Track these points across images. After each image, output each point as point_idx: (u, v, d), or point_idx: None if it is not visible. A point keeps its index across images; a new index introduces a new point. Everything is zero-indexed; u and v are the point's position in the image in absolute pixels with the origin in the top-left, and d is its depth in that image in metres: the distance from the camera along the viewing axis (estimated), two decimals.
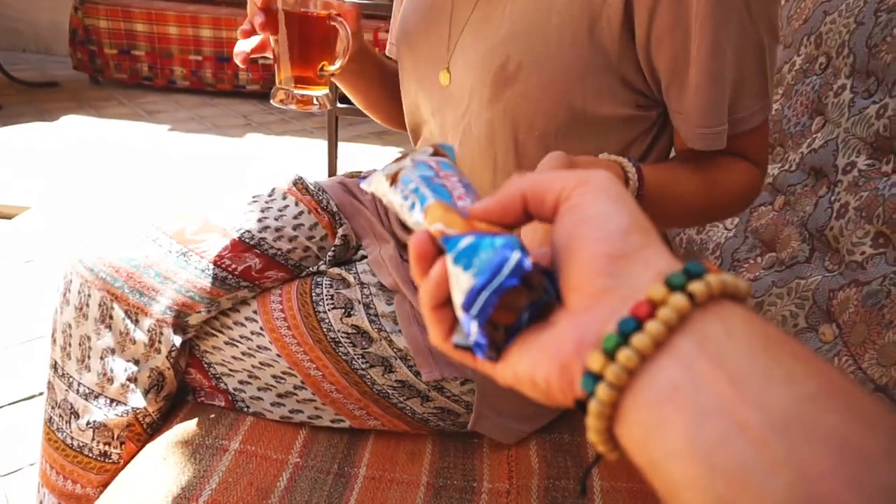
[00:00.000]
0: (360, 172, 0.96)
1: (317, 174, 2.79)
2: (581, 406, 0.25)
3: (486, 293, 0.27)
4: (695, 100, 0.58)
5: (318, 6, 0.65)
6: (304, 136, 3.33)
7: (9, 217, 2.28)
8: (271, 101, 0.70)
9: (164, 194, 2.50)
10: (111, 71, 3.84)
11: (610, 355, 0.23)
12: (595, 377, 0.23)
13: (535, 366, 0.26)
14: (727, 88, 0.58)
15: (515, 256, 0.27)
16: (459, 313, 0.28)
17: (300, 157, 3.03)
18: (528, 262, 0.27)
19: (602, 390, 0.23)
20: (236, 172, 2.79)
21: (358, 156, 3.08)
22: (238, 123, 3.46)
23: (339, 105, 1.63)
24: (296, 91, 0.68)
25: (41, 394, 1.39)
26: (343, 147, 3.17)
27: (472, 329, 0.28)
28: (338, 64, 0.68)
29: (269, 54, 0.70)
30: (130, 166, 2.77)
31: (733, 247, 0.95)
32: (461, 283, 0.28)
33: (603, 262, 0.25)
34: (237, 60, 0.69)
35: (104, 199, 2.42)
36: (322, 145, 3.20)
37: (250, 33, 0.66)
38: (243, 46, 0.68)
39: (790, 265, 0.83)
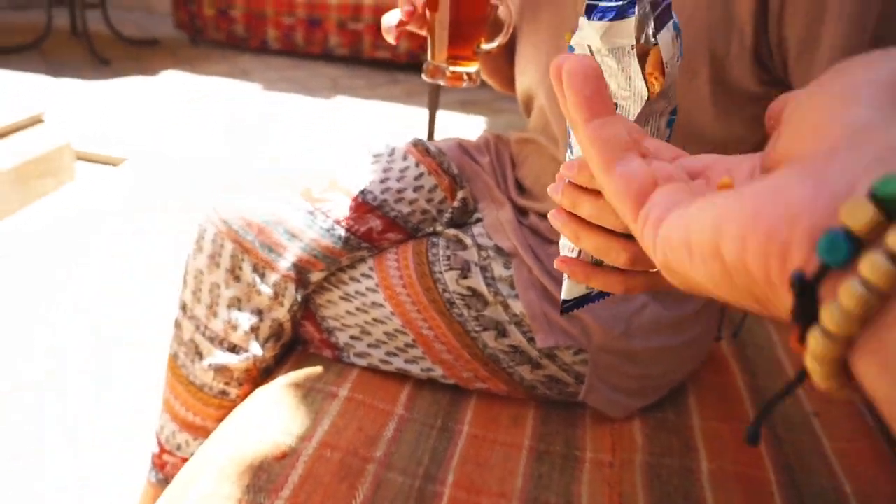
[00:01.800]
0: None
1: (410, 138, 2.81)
2: (806, 291, 0.16)
3: None
4: (827, 66, 0.54)
5: None
6: (390, 101, 3.35)
7: (115, 164, 2.42)
8: (423, 75, 0.70)
9: (260, 151, 2.58)
10: (209, 31, 3.97)
11: (889, 210, 0.14)
12: (853, 240, 0.14)
13: (723, 226, 0.18)
14: None
15: None
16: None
17: (388, 122, 3.06)
18: None
19: (870, 263, 0.14)
20: (326, 133, 2.85)
21: (443, 125, 3.08)
22: (327, 86, 3.52)
23: None
24: (451, 68, 0.68)
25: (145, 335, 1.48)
26: (424, 114, 3.18)
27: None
28: (497, 42, 0.68)
29: (417, 29, 0.69)
30: (225, 121, 2.87)
31: None
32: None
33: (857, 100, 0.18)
34: (389, 37, 0.68)
35: (201, 150, 2.52)
36: (409, 111, 3.21)
37: (413, 13, 0.65)
38: (391, 20, 0.67)
39: None
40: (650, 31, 0.33)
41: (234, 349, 0.74)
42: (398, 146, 0.81)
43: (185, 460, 0.81)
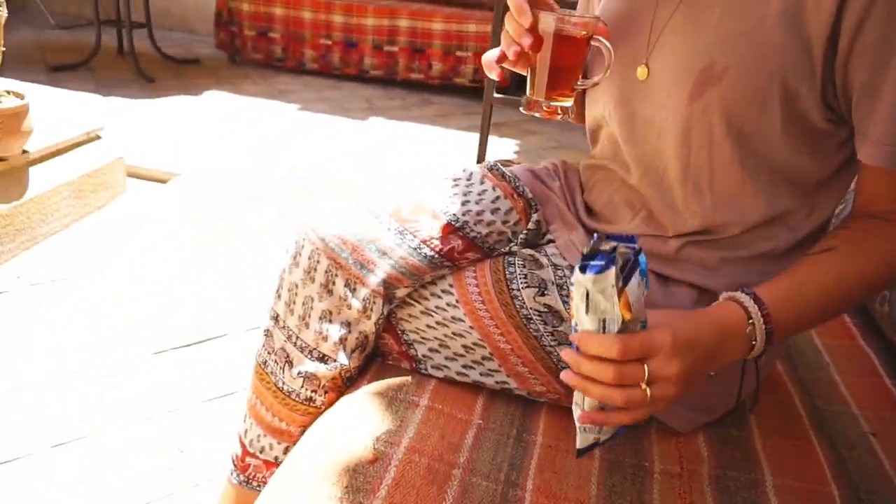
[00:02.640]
0: (509, 161, 1.01)
1: (449, 159, 2.88)
2: None
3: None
4: (887, 116, 0.60)
5: (573, 25, 0.68)
6: (424, 122, 3.43)
7: (163, 181, 2.51)
8: (521, 108, 0.75)
9: (301, 169, 2.66)
10: (248, 51, 4.10)
11: None
12: None
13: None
14: None
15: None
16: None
17: (423, 143, 3.13)
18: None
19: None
20: (364, 151, 2.92)
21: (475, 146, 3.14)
22: (362, 107, 3.61)
23: (495, 95, 1.70)
24: (549, 102, 0.73)
25: (197, 343, 1.55)
26: (461, 136, 3.25)
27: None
28: (596, 79, 0.72)
29: (520, 69, 0.73)
30: (266, 139, 2.96)
31: None
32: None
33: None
34: (492, 74, 0.74)
35: (244, 168, 2.61)
36: (442, 133, 3.28)
37: (520, 54, 0.69)
38: (491, 57, 0.73)
39: None
40: (621, 281, 0.51)
41: (323, 359, 0.79)
42: (475, 171, 0.87)
43: (267, 463, 0.86)
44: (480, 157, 1.86)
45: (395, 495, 0.66)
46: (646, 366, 0.55)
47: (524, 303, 0.77)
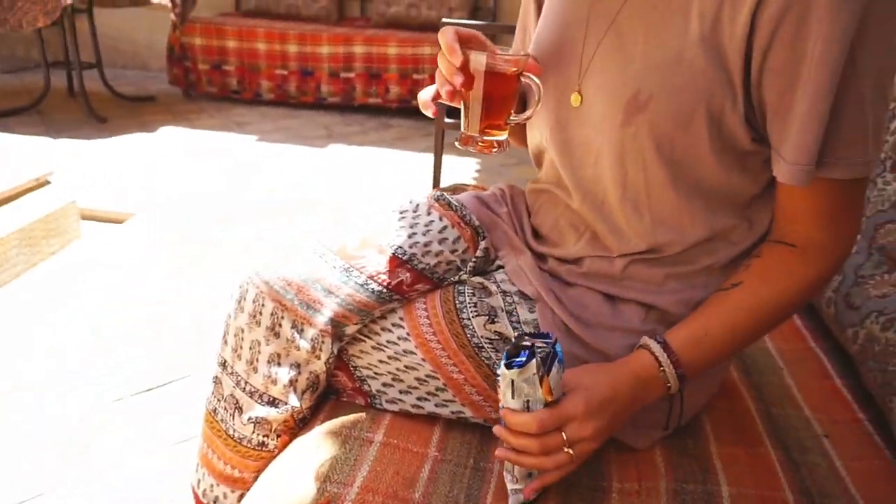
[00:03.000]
0: (465, 185, 1.01)
1: (406, 182, 2.88)
2: None
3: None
4: (793, 136, 0.61)
5: (504, 62, 0.69)
6: (383, 146, 3.44)
7: (119, 222, 2.46)
8: (457, 143, 0.76)
9: (258, 200, 2.64)
10: (203, 85, 4.07)
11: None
12: None
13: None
14: (823, 130, 0.60)
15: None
16: None
17: (382, 167, 3.13)
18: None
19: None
20: (322, 179, 2.91)
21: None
22: (321, 134, 3.61)
23: (446, 119, 1.72)
24: (484, 137, 0.73)
25: (153, 388, 1.51)
26: (421, 157, 3.26)
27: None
28: (527, 114, 0.73)
29: (454, 104, 0.74)
30: (223, 173, 2.93)
31: (857, 263, 0.95)
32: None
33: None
34: (427, 112, 0.77)
35: (202, 204, 2.58)
36: (401, 155, 3.29)
37: (454, 93, 0.71)
38: (426, 96, 0.76)
39: None
40: (542, 370, 0.62)
41: (273, 402, 0.78)
42: (421, 202, 0.86)
43: None
44: (436, 181, 1.87)
45: None
46: (563, 433, 0.63)
47: (475, 331, 0.77)
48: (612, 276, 0.77)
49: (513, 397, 0.63)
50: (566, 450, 0.63)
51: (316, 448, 0.76)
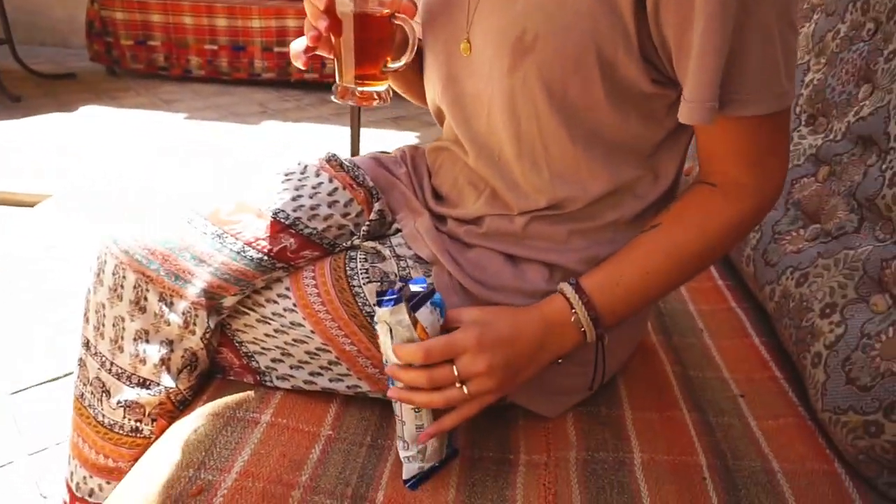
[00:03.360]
0: (388, 152, 0.94)
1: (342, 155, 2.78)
2: None
3: None
4: (693, 72, 0.56)
5: (380, 5, 0.64)
6: (321, 122, 3.32)
7: (31, 205, 2.30)
8: (333, 97, 0.69)
9: (186, 181, 2.50)
10: (127, 62, 3.85)
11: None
12: None
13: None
14: (722, 64, 0.55)
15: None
16: None
17: (319, 144, 3.02)
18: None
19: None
20: (256, 159, 2.79)
21: (376, 141, 3.06)
22: (255, 111, 3.46)
23: None
24: (359, 88, 0.67)
25: (65, 376, 1.40)
26: (360, 132, 3.16)
27: None
28: (403, 61, 0.67)
29: (326, 53, 0.68)
30: (149, 154, 2.77)
31: (774, 219, 0.92)
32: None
33: None
34: (297, 63, 0.69)
35: (125, 187, 2.43)
36: (339, 131, 3.19)
37: (319, 38, 0.65)
38: (298, 47, 0.68)
39: (837, 236, 0.80)
40: (412, 311, 0.59)
41: (144, 384, 0.70)
42: (310, 163, 0.79)
43: None
44: (354, 152, 1.79)
45: None
46: (455, 366, 0.59)
47: (367, 300, 0.70)
48: (513, 235, 0.71)
49: (393, 341, 0.60)
50: (458, 385, 0.59)
51: (193, 432, 0.69)
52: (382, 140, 3.12)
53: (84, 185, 2.42)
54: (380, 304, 0.59)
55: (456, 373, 0.59)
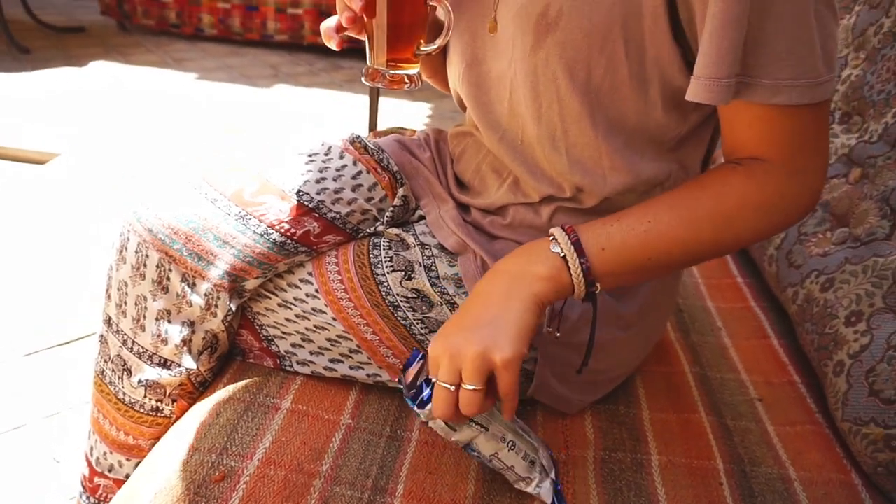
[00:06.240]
0: (404, 129, 0.93)
1: (351, 127, 2.75)
2: None
3: None
4: (704, 42, 0.52)
5: None
6: (333, 88, 3.28)
7: (41, 162, 2.28)
8: (363, 80, 0.67)
9: (196, 144, 2.48)
10: (139, 17, 3.79)
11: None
12: None
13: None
14: (740, 38, 0.50)
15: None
16: None
17: (330, 110, 2.98)
18: None
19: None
20: (266, 122, 2.76)
21: (389, 113, 3.02)
22: (266, 74, 3.41)
23: None
24: (391, 72, 0.66)
25: (77, 339, 1.40)
26: (367, 101, 3.12)
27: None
28: (437, 44, 0.65)
29: (356, 34, 0.66)
30: (159, 113, 2.74)
31: None
32: None
33: None
34: (331, 44, 0.66)
35: (134, 145, 2.41)
36: (352, 99, 3.14)
37: (354, 19, 0.62)
38: (330, 26, 0.65)
39: (866, 241, 0.79)
40: (425, 405, 0.59)
41: (165, 364, 0.70)
42: (334, 144, 0.77)
43: (118, 482, 0.76)
44: (372, 126, 1.76)
45: None
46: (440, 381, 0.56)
47: (390, 289, 0.70)
48: (537, 227, 0.70)
49: (454, 430, 0.60)
50: (465, 387, 0.54)
51: (215, 415, 0.69)
52: (398, 110, 3.08)
53: (94, 143, 2.40)
54: (421, 405, 0.58)
55: (446, 380, 0.55)
